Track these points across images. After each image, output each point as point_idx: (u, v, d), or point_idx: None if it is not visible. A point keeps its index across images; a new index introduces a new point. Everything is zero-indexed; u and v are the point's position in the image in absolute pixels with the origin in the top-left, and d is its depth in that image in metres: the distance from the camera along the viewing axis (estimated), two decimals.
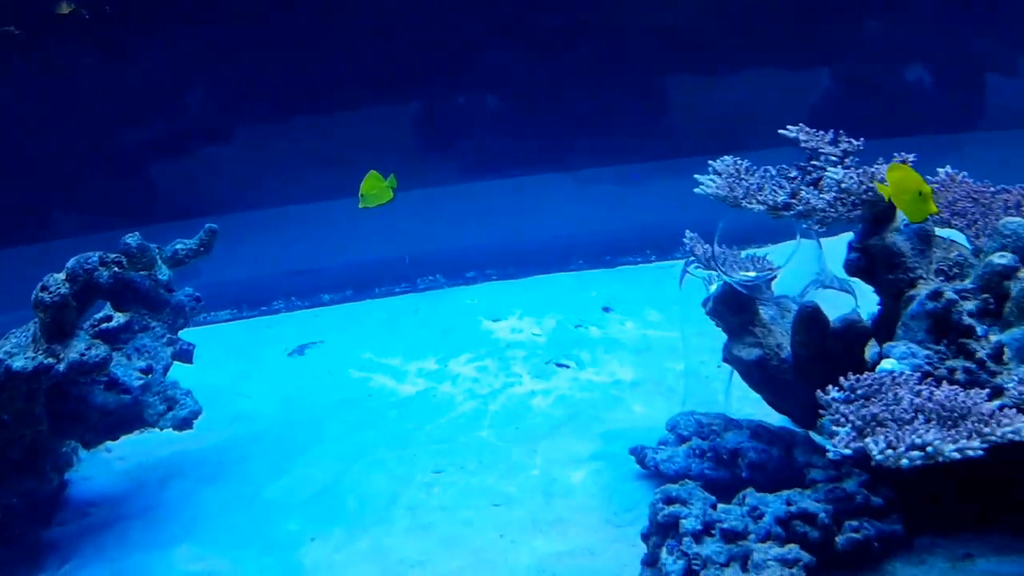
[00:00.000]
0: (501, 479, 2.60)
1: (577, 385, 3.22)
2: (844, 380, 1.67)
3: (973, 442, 1.47)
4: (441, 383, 3.31)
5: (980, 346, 1.78)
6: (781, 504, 1.98)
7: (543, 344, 3.60)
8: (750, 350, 2.21)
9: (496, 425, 2.94)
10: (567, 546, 2.24)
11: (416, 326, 3.97)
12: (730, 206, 2.00)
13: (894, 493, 2.07)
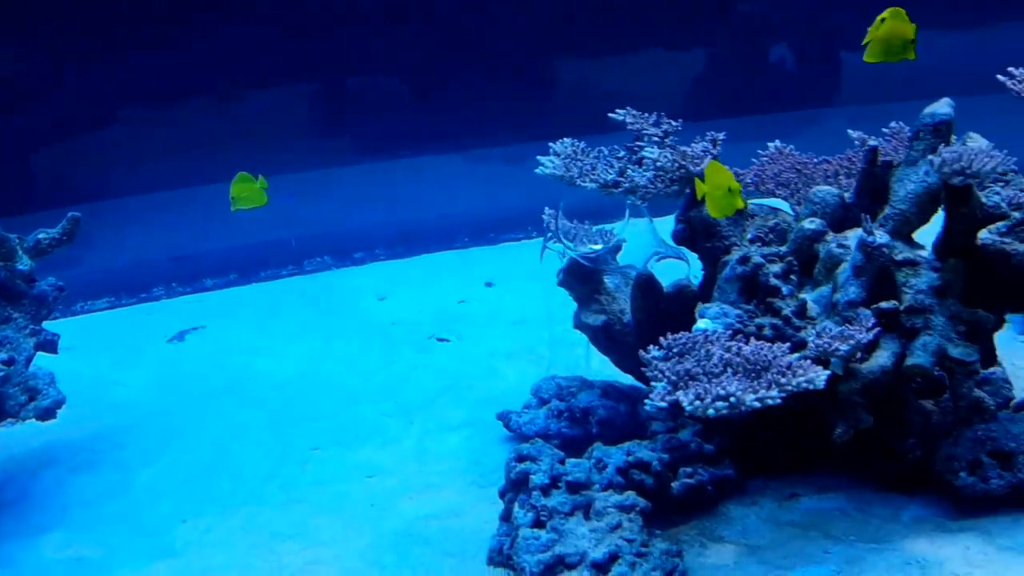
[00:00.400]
0: (376, 451, 2.70)
1: (456, 357, 3.34)
2: (663, 339, 1.84)
3: (772, 392, 1.65)
4: (324, 362, 3.38)
5: (785, 304, 1.98)
6: (622, 455, 2.14)
7: (426, 320, 3.71)
8: (596, 316, 2.37)
9: (375, 400, 3.03)
10: (435, 509, 2.36)
11: (301, 308, 4.02)
12: (568, 184, 2.14)
13: (726, 440, 2.27)
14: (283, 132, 5.04)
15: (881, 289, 1.95)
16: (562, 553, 1.93)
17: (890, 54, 1.89)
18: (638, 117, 2.17)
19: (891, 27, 1.88)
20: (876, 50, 1.90)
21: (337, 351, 3.47)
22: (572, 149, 2.17)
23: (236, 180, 2.69)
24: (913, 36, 1.87)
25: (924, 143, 2.03)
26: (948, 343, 1.90)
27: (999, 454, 2.05)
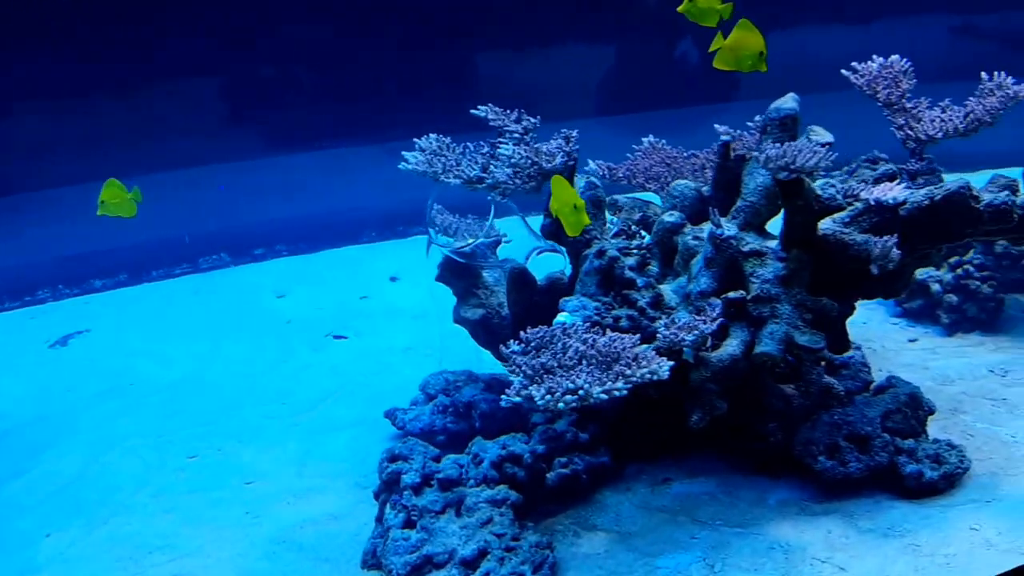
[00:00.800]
0: (257, 455, 2.65)
1: (351, 355, 3.31)
2: (523, 333, 1.86)
3: (618, 383, 1.67)
4: (212, 365, 3.31)
5: (640, 295, 2.02)
6: (498, 449, 2.16)
7: (325, 317, 3.67)
8: (474, 311, 2.38)
9: (262, 402, 2.98)
10: (313, 514, 2.34)
11: (193, 308, 3.93)
12: (432, 180, 2.14)
13: (602, 428, 2.30)
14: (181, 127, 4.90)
15: (731, 279, 2.00)
16: (431, 552, 1.94)
17: (741, 64, 1.91)
18: (500, 114, 2.18)
19: (738, 38, 1.90)
20: (726, 58, 1.92)
21: (227, 352, 3.40)
22: (438, 144, 2.17)
23: (106, 186, 2.60)
24: (762, 48, 1.89)
25: (772, 137, 2.08)
26: (795, 331, 1.96)
27: (856, 438, 2.13)
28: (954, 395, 2.59)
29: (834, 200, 1.87)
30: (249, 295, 3.99)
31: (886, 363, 2.79)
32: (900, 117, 2.11)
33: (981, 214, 1.91)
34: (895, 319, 3.11)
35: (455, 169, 2.06)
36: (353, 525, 2.27)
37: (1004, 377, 2.66)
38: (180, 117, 4.87)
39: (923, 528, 2.03)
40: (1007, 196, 1.91)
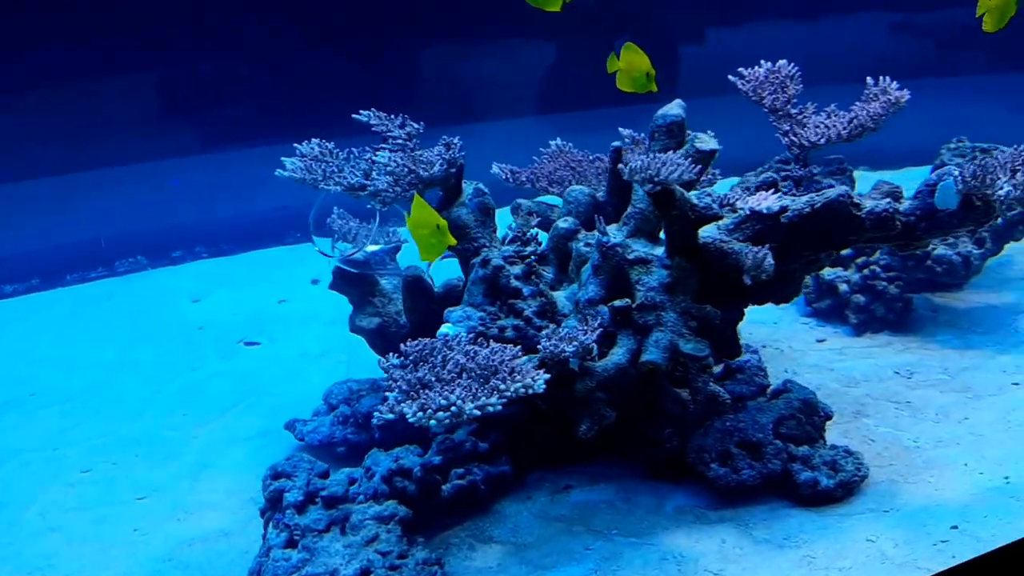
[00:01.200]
0: (153, 469, 2.58)
1: (262, 362, 3.25)
2: (403, 346, 1.82)
3: (492, 399, 1.65)
4: (118, 373, 3.22)
5: (527, 305, 1.99)
6: (389, 462, 2.12)
7: (240, 322, 3.59)
8: (370, 319, 2.34)
9: (165, 413, 2.91)
10: (203, 531, 2.28)
11: (106, 313, 3.83)
12: (312, 187, 2.09)
13: (503, 437, 2.28)
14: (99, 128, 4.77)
15: (619, 287, 1.99)
16: (311, 573, 1.89)
17: (636, 85, 1.97)
18: (383, 119, 2.13)
19: (628, 61, 1.95)
20: (623, 80, 1.96)
21: (135, 360, 3.32)
22: (320, 150, 2.11)
23: None
24: (649, 69, 1.93)
25: (659, 143, 2.07)
26: (680, 339, 1.95)
27: (748, 444, 2.13)
28: (858, 397, 2.60)
29: (710, 209, 1.86)
30: (164, 299, 3.90)
31: (792, 364, 2.81)
32: (785, 123, 2.11)
33: (863, 221, 1.92)
34: (805, 319, 3.13)
35: (336, 176, 2.01)
36: (243, 542, 2.22)
37: (909, 379, 2.69)
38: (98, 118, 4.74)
39: (819, 539, 2.01)
40: (888, 204, 1.91)
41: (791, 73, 2.17)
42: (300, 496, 2.02)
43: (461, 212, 2.14)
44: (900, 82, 6.45)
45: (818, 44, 5.86)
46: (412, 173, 1.97)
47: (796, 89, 2.16)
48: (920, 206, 1.97)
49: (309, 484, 2.04)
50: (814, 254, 2.03)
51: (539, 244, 2.18)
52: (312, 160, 2.07)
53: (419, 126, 2.14)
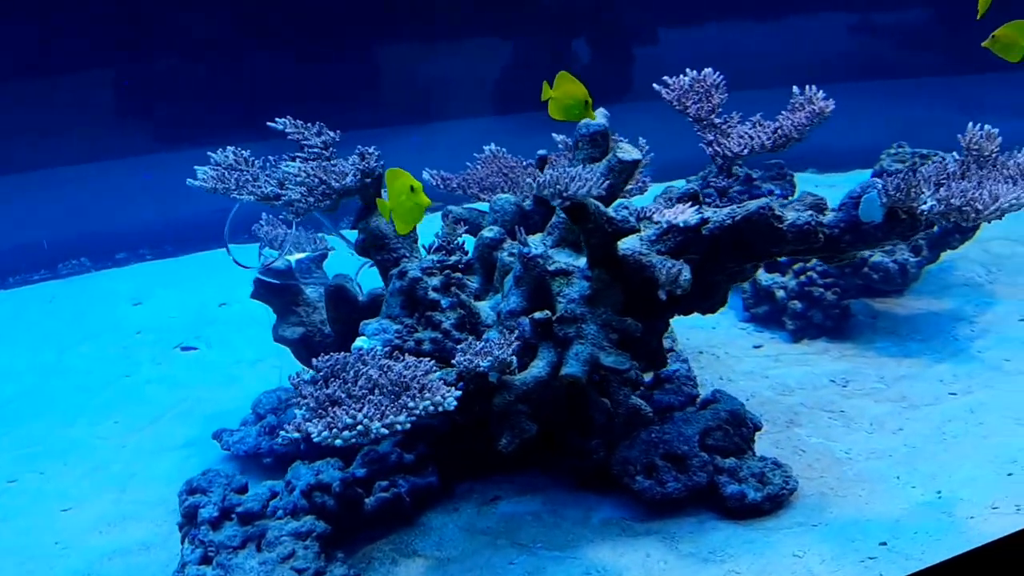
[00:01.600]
0: (80, 480, 2.53)
1: (198, 368, 3.20)
2: (315, 360, 1.79)
3: (400, 416, 1.63)
4: (52, 378, 3.16)
5: (445, 317, 1.97)
6: (310, 476, 2.10)
7: (178, 326, 3.54)
8: (294, 329, 2.31)
9: (96, 420, 2.86)
10: (125, 543, 2.24)
11: (45, 316, 3.76)
12: (224, 196, 2.06)
13: (429, 447, 2.25)
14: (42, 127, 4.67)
15: (540, 298, 1.98)
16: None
17: (570, 114, 1.94)
18: (298, 127, 2.10)
19: (564, 91, 1.91)
20: (555, 108, 1.93)
21: (70, 365, 3.26)
22: (235, 158, 2.08)
23: None
24: (586, 97, 1.90)
25: (583, 152, 2.06)
26: (600, 351, 1.94)
27: (673, 457, 2.12)
28: (792, 406, 2.61)
29: (627, 222, 1.85)
30: (104, 302, 3.83)
31: (728, 371, 2.81)
32: (709, 133, 2.10)
33: (785, 234, 1.91)
34: (743, 324, 3.14)
35: (250, 185, 1.98)
36: (164, 556, 2.18)
37: (844, 387, 2.70)
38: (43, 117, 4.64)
39: (745, 553, 2.00)
40: (811, 216, 1.91)
41: (716, 82, 2.16)
42: (215, 512, 1.99)
43: (380, 222, 2.11)
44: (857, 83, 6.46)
45: (777, 43, 5.88)
46: (324, 184, 1.94)
47: (721, 98, 2.15)
48: (844, 218, 1.97)
49: (225, 499, 2.01)
50: (737, 265, 2.02)
51: (465, 253, 2.16)
52: (226, 169, 2.03)
53: (335, 134, 2.10)
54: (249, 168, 2.05)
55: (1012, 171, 1.92)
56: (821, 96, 2.08)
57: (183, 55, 5.02)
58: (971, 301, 3.15)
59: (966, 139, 1.98)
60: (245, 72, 5.16)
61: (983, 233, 3.32)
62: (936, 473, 2.24)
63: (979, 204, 1.78)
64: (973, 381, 2.67)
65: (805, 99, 2.07)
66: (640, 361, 2.20)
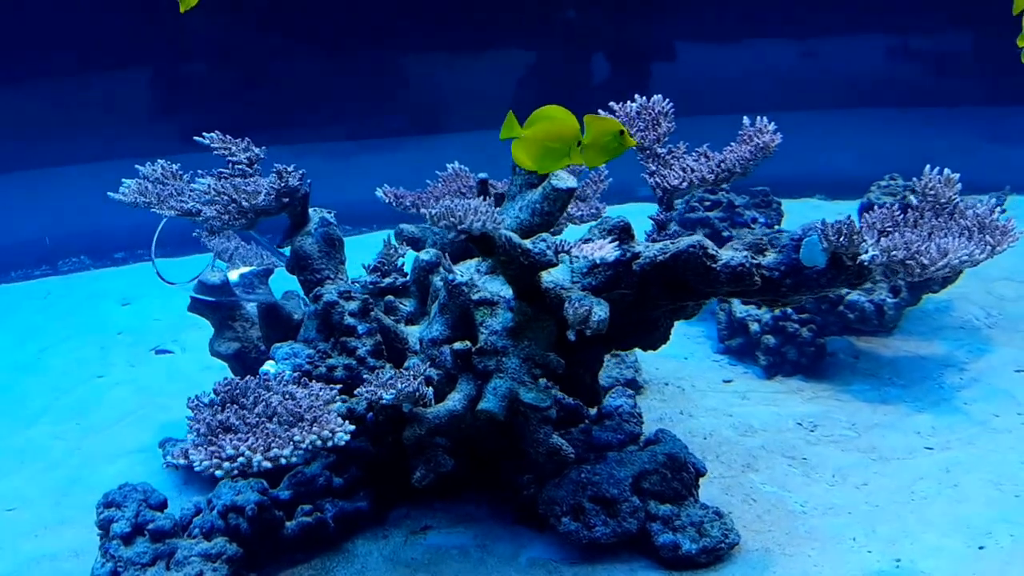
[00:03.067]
0: (29, 480, 2.57)
1: (167, 372, 3.22)
2: (216, 383, 1.77)
3: (284, 450, 1.59)
4: (27, 376, 3.22)
5: (361, 343, 1.94)
6: (231, 495, 2.08)
7: (159, 328, 3.57)
8: (229, 344, 2.30)
9: (59, 421, 2.90)
10: (57, 548, 2.25)
11: (36, 312, 3.84)
12: (147, 210, 2.06)
13: (363, 471, 2.21)
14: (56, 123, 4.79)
15: (465, 328, 1.93)
16: None
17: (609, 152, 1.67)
18: (226, 142, 2.09)
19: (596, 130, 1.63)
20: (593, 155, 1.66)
21: (47, 363, 3.32)
22: (163, 172, 2.08)
23: None
24: (619, 127, 1.65)
25: (520, 179, 2.00)
26: (520, 387, 1.88)
27: (602, 500, 2.05)
28: (751, 448, 2.51)
29: (544, 255, 1.78)
30: (95, 301, 3.90)
31: (690, 406, 2.72)
32: (652, 163, 2.02)
33: (718, 274, 1.83)
34: (718, 356, 3.04)
35: (172, 200, 1.97)
36: (91, 564, 2.18)
37: (812, 432, 2.58)
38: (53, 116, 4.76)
39: None
40: (745, 258, 1.82)
41: (664, 110, 2.08)
42: (127, 528, 1.98)
43: (305, 242, 2.09)
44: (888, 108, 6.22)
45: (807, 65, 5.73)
46: (234, 203, 1.92)
47: (668, 127, 2.07)
48: (785, 261, 1.88)
49: (139, 515, 2.01)
50: (672, 303, 1.95)
51: (404, 275, 2.12)
52: (152, 182, 2.03)
53: (261, 151, 2.09)
54: (175, 182, 2.05)
55: (970, 222, 1.80)
56: (771, 128, 1.98)
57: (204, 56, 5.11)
58: (964, 346, 3.00)
59: (921, 184, 1.87)
60: (264, 74, 5.23)
61: (987, 271, 3.14)
62: (897, 538, 2.10)
63: (925, 259, 1.68)
64: (953, 436, 2.52)
65: (754, 131, 1.98)
66: (578, 397, 2.14)
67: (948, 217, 1.82)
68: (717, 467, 2.42)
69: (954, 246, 1.70)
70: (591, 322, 1.68)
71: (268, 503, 2.07)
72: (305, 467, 2.21)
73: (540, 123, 1.64)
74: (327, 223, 2.11)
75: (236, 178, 2.00)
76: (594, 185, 2.42)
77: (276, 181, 1.97)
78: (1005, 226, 1.72)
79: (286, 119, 5.32)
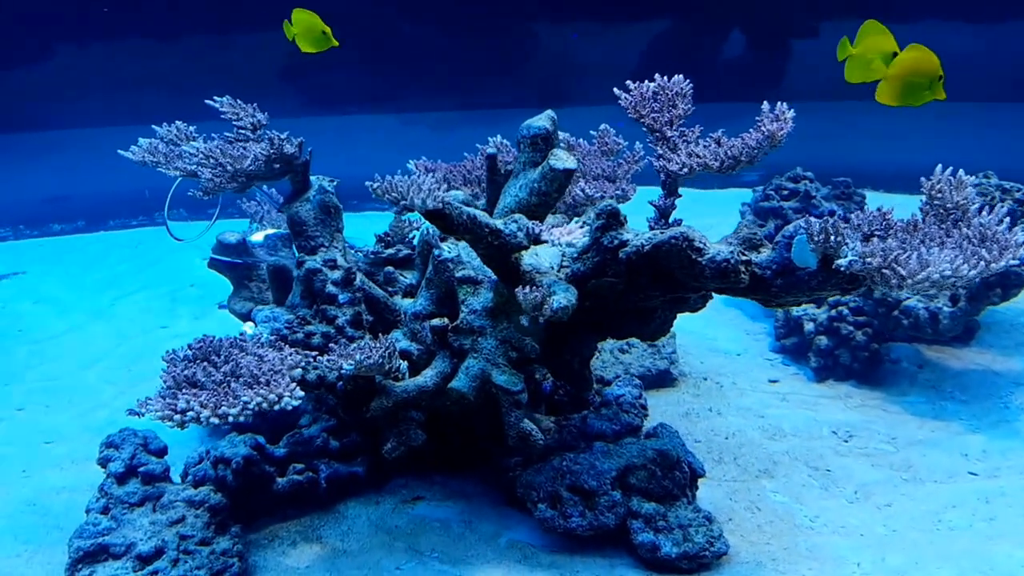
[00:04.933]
0: (72, 419, 2.81)
1: (226, 327, 3.37)
2: (194, 340, 1.87)
3: (233, 409, 1.65)
4: (97, 321, 3.51)
5: (341, 312, 1.97)
6: (226, 447, 2.19)
7: (227, 284, 3.80)
8: (244, 303, 2.40)
9: (114, 367, 3.14)
10: (77, 481, 2.43)
11: (123, 260, 4.16)
12: (154, 169, 2.17)
13: (362, 437, 2.27)
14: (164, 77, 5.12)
15: (450, 304, 1.93)
16: (108, 543, 2.01)
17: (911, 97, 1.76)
18: (236, 106, 2.16)
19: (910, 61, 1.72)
20: (888, 90, 1.76)
21: (119, 311, 3.60)
22: (176, 133, 2.19)
23: None
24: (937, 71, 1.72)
25: (525, 156, 1.97)
26: (494, 368, 1.86)
27: (580, 490, 2.02)
28: (773, 453, 2.40)
29: (515, 237, 1.75)
30: (179, 253, 4.14)
31: (723, 403, 2.62)
32: (660, 146, 1.93)
33: (703, 268, 1.74)
34: (773, 355, 2.91)
35: (177, 160, 2.08)
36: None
37: (844, 442, 2.44)
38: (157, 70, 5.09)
39: None
40: (731, 253, 1.72)
41: (683, 91, 1.98)
42: (121, 468, 2.13)
43: (301, 209, 2.15)
44: None
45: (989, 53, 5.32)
46: (220, 166, 2.00)
47: (685, 109, 1.97)
48: (777, 260, 1.77)
49: (134, 458, 2.15)
50: (662, 294, 1.87)
51: (412, 248, 2.15)
52: (164, 142, 2.14)
53: (264, 116, 2.15)
54: (188, 144, 2.16)
55: (972, 232, 1.63)
56: (788, 116, 1.85)
57: None
58: None
59: (928, 185, 1.70)
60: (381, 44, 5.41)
61: None
62: (907, 570, 1.95)
63: (903, 269, 1.53)
64: (1005, 463, 2.31)
65: (771, 117, 1.85)
66: (566, 383, 2.12)
67: (952, 224, 1.65)
68: (731, 470, 2.33)
69: (937, 259, 1.53)
70: (545, 309, 1.65)
71: (257, 458, 2.17)
72: (305, 428, 2.30)
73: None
74: (324, 191, 2.16)
75: (236, 143, 2.09)
76: (626, 165, 2.36)
77: (267, 147, 2.04)
78: (1008, 239, 1.54)
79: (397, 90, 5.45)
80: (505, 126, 6.02)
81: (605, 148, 2.36)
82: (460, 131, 5.69)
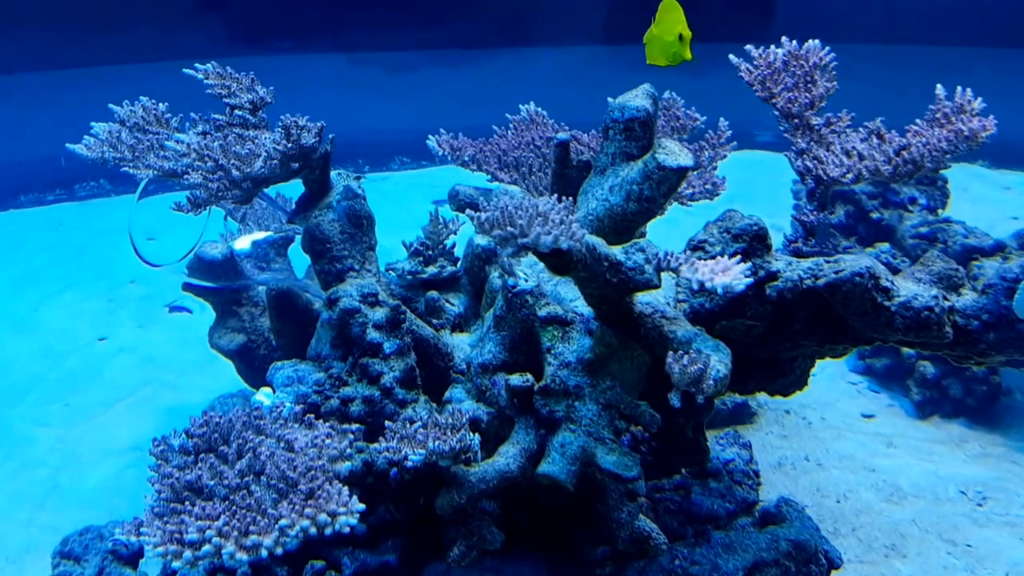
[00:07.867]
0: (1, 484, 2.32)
1: (180, 338, 2.92)
2: (192, 419, 1.43)
3: (267, 539, 1.23)
4: (16, 335, 2.97)
5: (388, 367, 1.53)
6: None
7: (177, 278, 3.29)
8: (231, 337, 1.94)
9: (46, 400, 2.62)
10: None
11: (41, 249, 3.59)
12: (118, 167, 1.70)
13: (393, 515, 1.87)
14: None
15: (528, 351, 1.52)
16: None
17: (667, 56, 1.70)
18: (225, 76, 1.67)
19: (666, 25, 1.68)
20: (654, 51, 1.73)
21: (44, 319, 3.06)
22: (144, 116, 1.69)
23: None
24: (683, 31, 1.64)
25: (614, 145, 1.52)
26: (598, 446, 1.47)
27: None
28: (898, 523, 2.06)
29: (641, 272, 1.34)
30: (111, 237, 3.61)
31: (819, 450, 2.28)
32: (802, 138, 1.54)
33: (893, 317, 1.38)
34: (855, 377, 2.58)
35: (151, 155, 1.59)
36: None
37: (979, 507, 2.12)
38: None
39: None
40: (934, 297, 1.36)
41: (822, 60, 1.58)
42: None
43: (323, 220, 1.68)
44: None
45: None
46: (221, 170, 1.53)
47: (828, 87, 1.57)
48: (990, 307, 1.41)
49: (102, 572, 1.71)
50: (821, 345, 1.51)
51: (454, 260, 1.73)
52: (128, 128, 1.66)
53: (269, 91, 1.69)
54: (160, 130, 1.68)
55: None
56: (977, 107, 1.48)
57: None
58: None
59: None
60: None
61: None
62: None
63: None
64: None
65: (954, 108, 1.48)
66: (677, 454, 1.74)
67: None
68: (852, 545, 2.00)
69: None
70: (705, 384, 1.27)
71: (267, 562, 1.75)
72: None
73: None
74: (352, 194, 1.69)
75: (234, 131, 1.61)
76: (710, 149, 1.94)
77: (283, 140, 1.56)
78: None
79: None
80: (470, 67, 5.53)
81: (676, 124, 1.95)
82: (423, 72, 5.21)
